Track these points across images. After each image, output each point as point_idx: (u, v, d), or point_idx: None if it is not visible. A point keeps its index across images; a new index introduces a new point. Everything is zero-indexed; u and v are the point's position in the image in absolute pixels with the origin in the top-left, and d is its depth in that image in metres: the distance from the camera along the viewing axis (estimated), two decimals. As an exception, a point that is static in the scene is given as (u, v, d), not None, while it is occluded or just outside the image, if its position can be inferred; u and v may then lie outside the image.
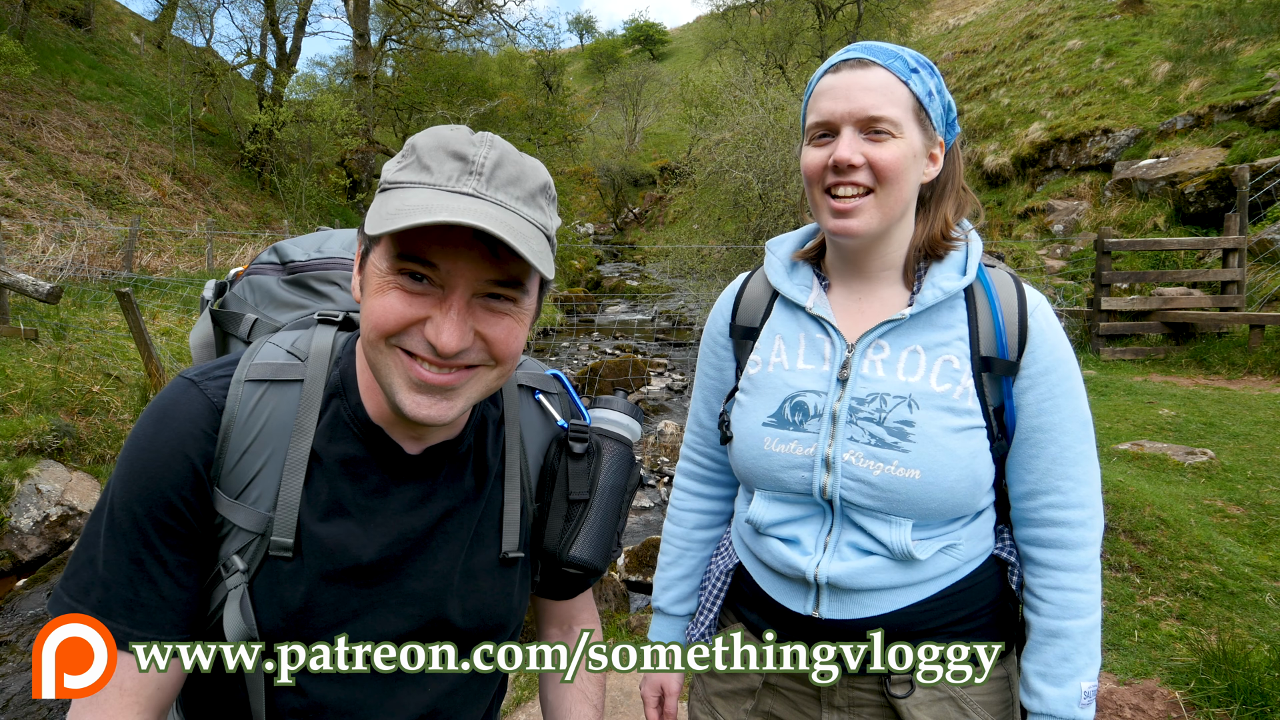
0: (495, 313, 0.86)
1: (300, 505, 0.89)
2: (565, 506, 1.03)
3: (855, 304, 1.23)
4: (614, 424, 1.09)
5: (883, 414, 1.13)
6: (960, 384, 1.13)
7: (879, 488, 1.11)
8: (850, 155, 1.11)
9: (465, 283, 0.83)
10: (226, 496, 0.89)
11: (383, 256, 0.84)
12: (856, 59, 1.14)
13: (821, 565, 1.15)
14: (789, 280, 1.28)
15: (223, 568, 0.89)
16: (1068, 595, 1.15)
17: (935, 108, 1.16)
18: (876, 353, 1.17)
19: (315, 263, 1.14)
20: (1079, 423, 1.16)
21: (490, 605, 1.01)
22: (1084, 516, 1.16)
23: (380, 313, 0.83)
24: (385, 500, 0.94)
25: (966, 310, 1.17)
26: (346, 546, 0.91)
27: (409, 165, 0.85)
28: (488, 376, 0.90)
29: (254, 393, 0.91)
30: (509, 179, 0.84)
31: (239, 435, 0.89)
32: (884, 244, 1.20)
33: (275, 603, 0.89)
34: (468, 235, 0.81)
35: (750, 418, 1.22)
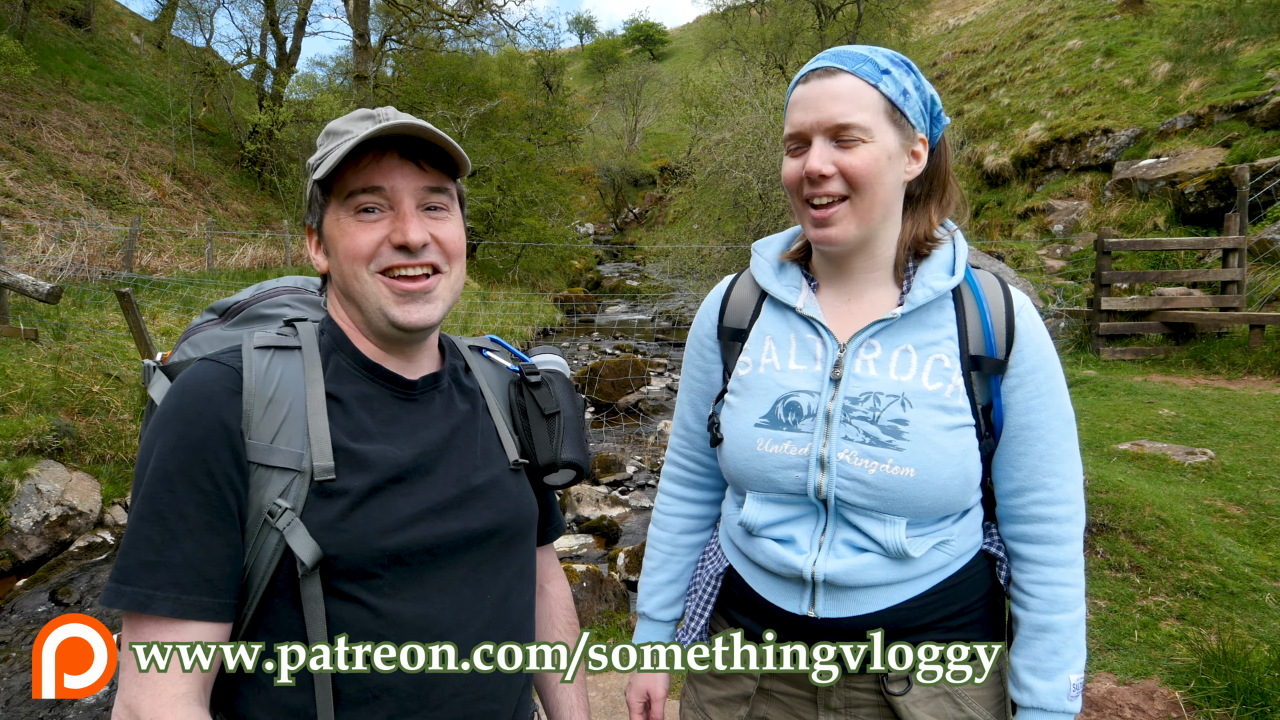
0: (437, 219, 1.06)
1: (331, 435, 0.99)
2: (544, 423, 1.21)
3: (844, 304, 1.23)
4: (551, 363, 1.31)
5: (876, 413, 1.13)
6: (951, 382, 1.14)
7: (874, 486, 1.12)
8: (820, 166, 1.13)
9: (409, 192, 1.03)
10: (261, 443, 0.97)
11: (335, 209, 1.03)
12: (824, 68, 1.15)
13: (818, 563, 1.16)
14: (777, 281, 1.28)
15: (269, 515, 0.95)
16: (1055, 590, 1.17)
17: (912, 105, 1.16)
18: (868, 352, 1.18)
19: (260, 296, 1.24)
20: (1064, 420, 1.18)
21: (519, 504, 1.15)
22: (1070, 512, 1.18)
23: (351, 245, 1.02)
24: (400, 424, 1.07)
25: (955, 310, 1.18)
26: (385, 457, 1.01)
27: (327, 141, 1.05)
28: (449, 279, 1.08)
29: (264, 356, 1.03)
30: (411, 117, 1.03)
31: (261, 388, 0.99)
32: (870, 246, 1.20)
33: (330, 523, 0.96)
34: (396, 157, 1.02)
35: (742, 419, 1.22)
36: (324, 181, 1.02)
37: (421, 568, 1.02)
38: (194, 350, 1.15)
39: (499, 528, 1.11)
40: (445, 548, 1.04)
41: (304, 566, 0.93)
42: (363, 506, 0.98)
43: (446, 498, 1.06)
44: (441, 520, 1.04)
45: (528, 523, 1.17)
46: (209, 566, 0.93)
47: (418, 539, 1.01)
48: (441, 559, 1.04)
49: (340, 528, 0.96)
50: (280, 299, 1.23)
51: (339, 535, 0.96)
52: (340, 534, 0.96)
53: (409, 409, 1.08)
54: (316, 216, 1.07)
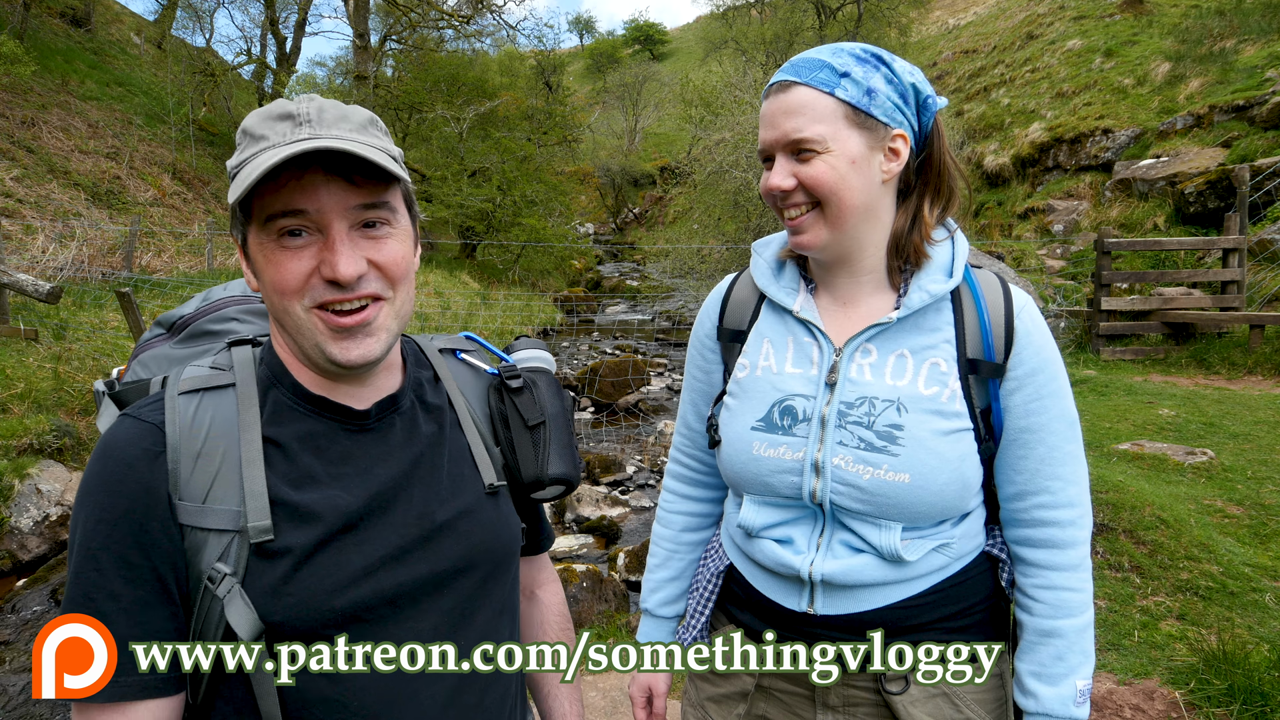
0: (376, 239, 0.91)
1: (270, 487, 0.90)
2: (527, 434, 1.09)
3: (841, 307, 1.23)
4: (534, 359, 1.19)
5: (871, 418, 1.13)
6: (948, 387, 1.13)
7: (869, 491, 1.12)
8: (780, 182, 1.14)
9: (337, 214, 0.88)
10: (192, 505, 0.88)
11: (258, 231, 0.89)
12: (780, 83, 1.15)
13: (815, 563, 1.16)
14: (775, 283, 1.28)
15: (208, 581, 0.87)
16: (1060, 595, 1.16)
17: (880, 103, 1.12)
18: (864, 356, 1.17)
19: (206, 309, 1.17)
20: (1066, 423, 1.17)
21: (496, 533, 1.04)
22: (1074, 515, 1.17)
23: (276, 276, 0.88)
24: (352, 463, 0.95)
25: (953, 312, 1.17)
26: (332, 506, 0.91)
27: (244, 144, 0.91)
28: (393, 306, 0.94)
29: (190, 403, 0.93)
30: (336, 118, 0.90)
31: (188, 443, 0.90)
32: (855, 249, 1.19)
33: (273, 587, 0.87)
34: (322, 173, 0.87)
35: (738, 422, 1.22)
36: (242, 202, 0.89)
37: (383, 623, 0.92)
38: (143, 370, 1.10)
39: (472, 564, 1.00)
40: (408, 596, 0.94)
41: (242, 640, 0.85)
42: (308, 565, 0.89)
43: (407, 540, 0.95)
44: (403, 566, 0.94)
45: (507, 551, 1.06)
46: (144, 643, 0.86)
47: (375, 591, 0.92)
48: (406, 609, 0.94)
49: (284, 591, 0.87)
50: (227, 312, 1.16)
51: (283, 599, 0.87)
52: (285, 598, 0.87)
53: (362, 442, 0.97)
54: (240, 233, 0.93)
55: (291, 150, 0.83)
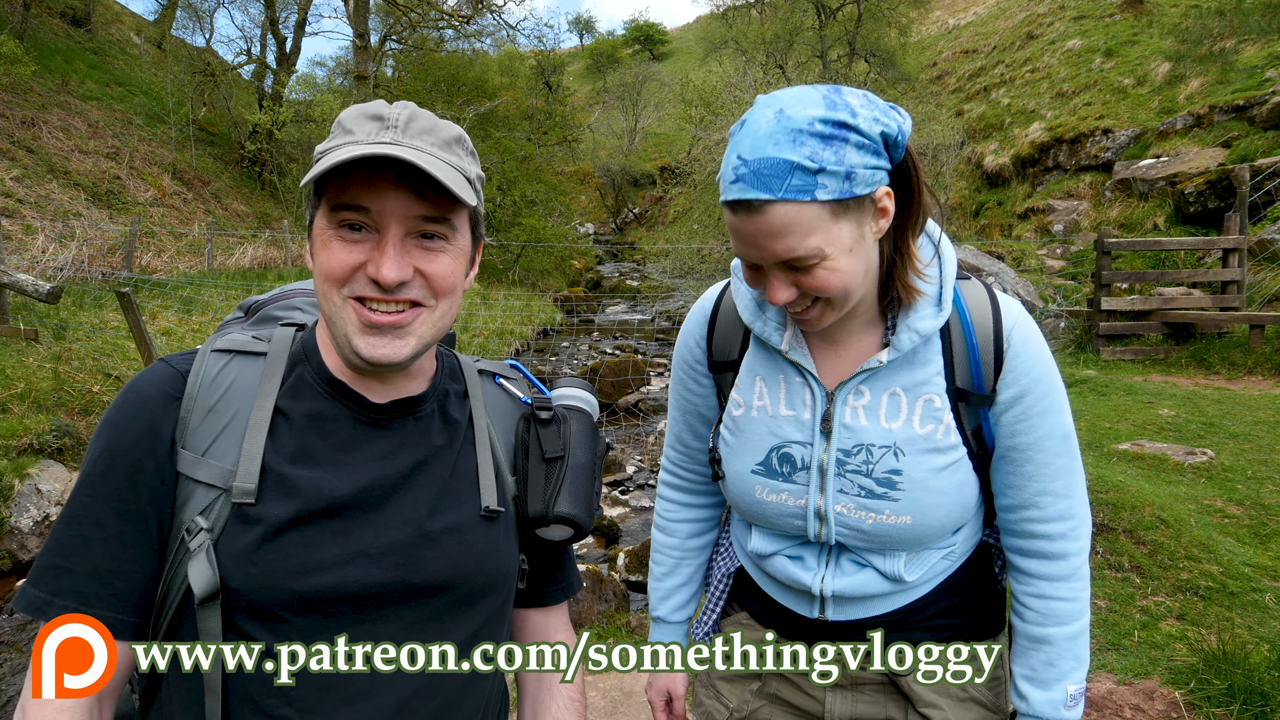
0: (430, 250, 0.93)
1: (265, 455, 0.91)
2: (543, 467, 1.07)
3: (830, 347, 1.18)
4: (574, 399, 1.16)
5: (870, 466, 1.13)
6: (943, 422, 1.12)
7: (872, 534, 1.15)
8: (785, 297, 1.05)
9: (396, 220, 0.90)
10: (191, 454, 0.91)
11: (322, 215, 0.93)
12: (747, 201, 0.99)
13: (826, 581, 1.20)
14: (760, 318, 1.20)
15: (185, 532, 0.89)
16: (1050, 604, 1.17)
17: (860, 179, 0.99)
18: (857, 398, 1.15)
19: (276, 296, 1.21)
20: (1057, 438, 1.14)
21: (482, 559, 1.00)
22: (1064, 529, 1.16)
23: (326, 262, 0.91)
24: (355, 452, 0.96)
25: (942, 341, 1.13)
26: (317, 487, 0.91)
27: (335, 134, 0.94)
28: (432, 315, 0.95)
29: (220, 361, 0.96)
30: (423, 130, 0.93)
31: (204, 396, 0.93)
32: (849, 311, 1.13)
33: (241, 552, 0.88)
34: (393, 178, 0.89)
35: (739, 462, 1.22)
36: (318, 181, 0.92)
37: (341, 619, 0.91)
38: None
39: (448, 584, 0.97)
40: (372, 599, 0.92)
41: (195, 596, 0.86)
42: (279, 539, 0.88)
43: (388, 542, 0.93)
44: (375, 567, 0.92)
45: (490, 582, 1.01)
46: (116, 580, 0.88)
47: (339, 584, 0.90)
48: (368, 612, 0.92)
49: (251, 559, 0.87)
50: (294, 300, 1.19)
51: (246, 568, 0.87)
52: (248, 566, 0.87)
53: (371, 436, 0.97)
54: (310, 214, 0.97)
55: (365, 151, 0.86)
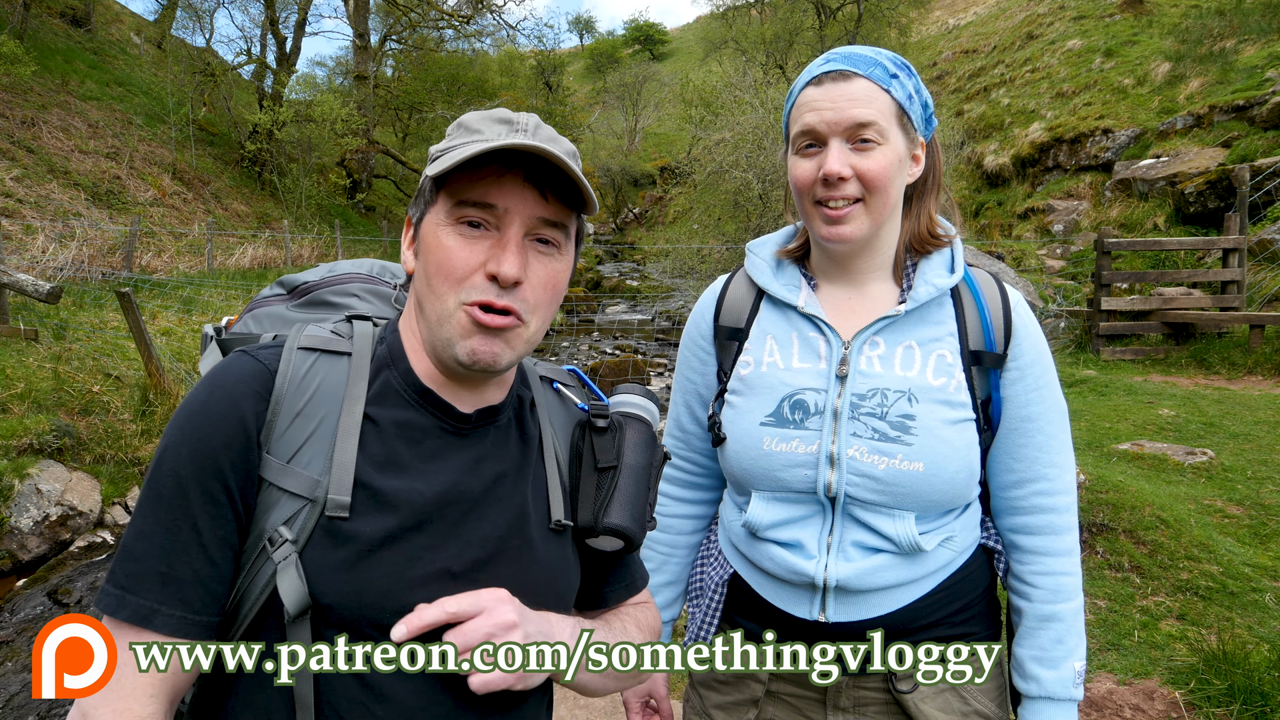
0: (542, 255, 0.94)
1: (356, 465, 0.88)
2: (595, 476, 1.05)
3: (845, 302, 1.25)
4: (633, 406, 1.13)
5: (884, 409, 1.15)
6: (954, 378, 1.17)
7: (884, 482, 1.13)
8: (840, 168, 1.13)
9: (520, 219, 0.91)
10: (276, 461, 0.88)
11: (440, 211, 0.92)
12: (839, 70, 1.15)
13: (829, 568, 1.16)
14: (776, 280, 1.29)
15: (268, 542, 0.86)
16: (1058, 579, 1.20)
17: (915, 109, 1.18)
18: (873, 349, 1.19)
19: (330, 280, 1.17)
20: (1059, 412, 1.22)
21: (553, 574, 1.01)
22: (1068, 502, 1.21)
23: (444, 259, 0.90)
24: (442, 462, 0.94)
25: (954, 307, 1.21)
26: (408, 500, 0.90)
27: (457, 134, 0.94)
28: (527, 331, 0.94)
29: (306, 359, 0.93)
30: (550, 138, 0.94)
31: (292, 398, 0.90)
32: (873, 245, 1.22)
33: (333, 568, 0.85)
34: (520, 178, 0.90)
35: (746, 419, 1.22)
36: (438, 178, 0.91)
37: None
38: (255, 325, 1.11)
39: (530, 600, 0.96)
40: None
41: (289, 614, 0.84)
42: (374, 556, 0.87)
43: (469, 558, 0.93)
44: (457, 584, 0.92)
45: (559, 597, 1.02)
46: (217, 585, 0.86)
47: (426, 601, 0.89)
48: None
49: (344, 575, 0.86)
50: (351, 287, 1.15)
51: (340, 585, 0.86)
52: (340, 583, 0.86)
53: (456, 446, 0.96)
54: (420, 211, 0.95)
55: (508, 142, 0.86)
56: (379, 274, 1.22)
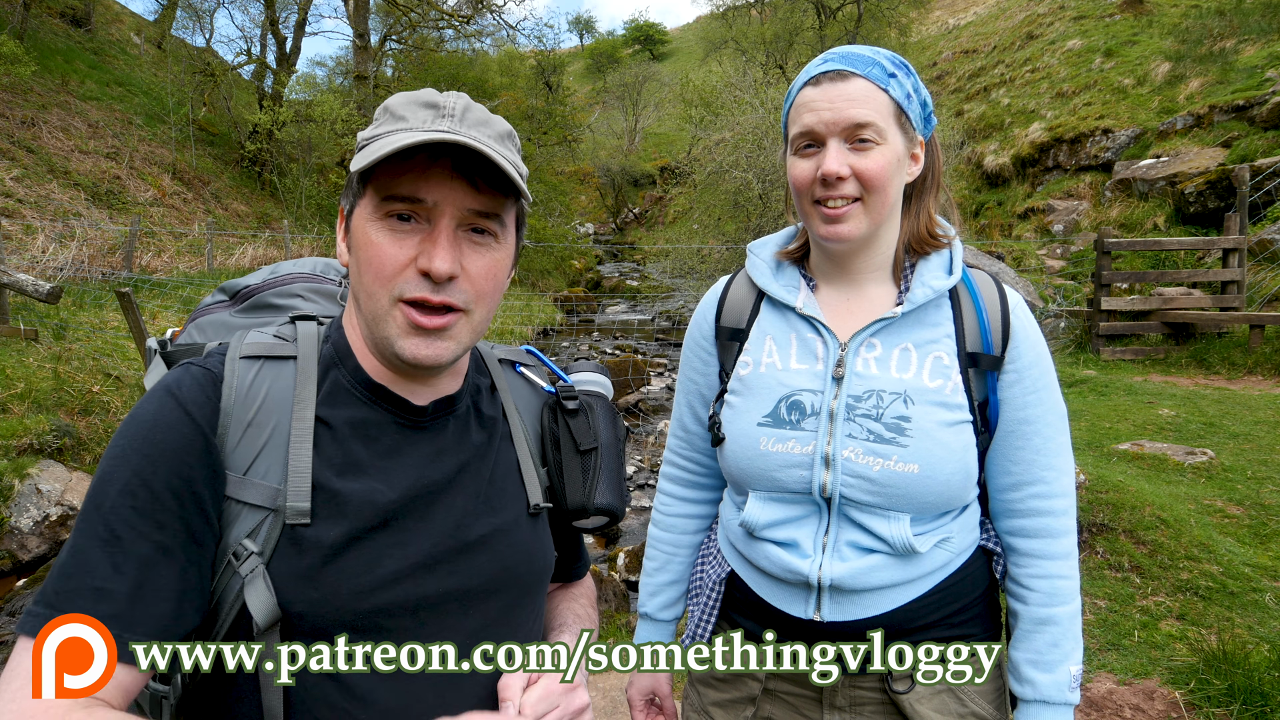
0: (478, 246, 0.90)
1: (313, 470, 0.87)
2: (578, 459, 1.06)
3: (844, 303, 1.25)
4: (593, 384, 1.16)
5: (880, 410, 1.15)
6: (951, 380, 1.16)
7: (879, 483, 1.13)
8: (838, 168, 1.13)
9: (450, 210, 0.87)
10: (234, 474, 0.86)
11: (368, 205, 0.89)
12: (836, 70, 1.15)
13: (824, 567, 1.16)
14: (775, 281, 1.29)
15: (233, 556, 0.84)
16: (1054, 583, 1.19)
17: (914, 109, 1.18)
18: (869, 350, 1.19)
19: (272, 281, 1.15)
20: (1057, 415, 1.21)
21: (530, 557, 1.00)
22: (1066, 505, 1.21)
23: (375, 257, 0.87)
24: (400, 458, 0.93)
25: (952, 308, 1.21)
26: (370, 499, 0.88)
27: (383, 120, 0.90)
28: (472, 320, 0.92)
29: (250, 368, 0.91)
30: (479, 121, 0.90)
31: (241, 409, 0.87)
32: (871, 246, 1.22)
33: (300, 576, 0.84)
34: (448, 168, 0.87)
35: (744, 419, 1.23)
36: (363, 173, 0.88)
37: (402, 634, 0.88)
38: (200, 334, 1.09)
39: (501, 585, 0.96)
40: (432, 610, 0.90)
41: (258, 627, 0.82)
42: (339, 559, 0.85)
43: (441, 549, 0.91)
44: (432, 576, 0.90)
45: (538, 578, 1.02)
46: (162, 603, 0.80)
47: (400, 599, 0.88)
48: (429, 624, 0.90)
49: (311, 583, 0.84)
50: (294, 287, 1.13)
51: (307, 592, 0.84)
52: (308, 590, 0.84)
53: (414, 439, 0.94)
54: (350, 202, 0.92)
55: (430, 136, 0.83)
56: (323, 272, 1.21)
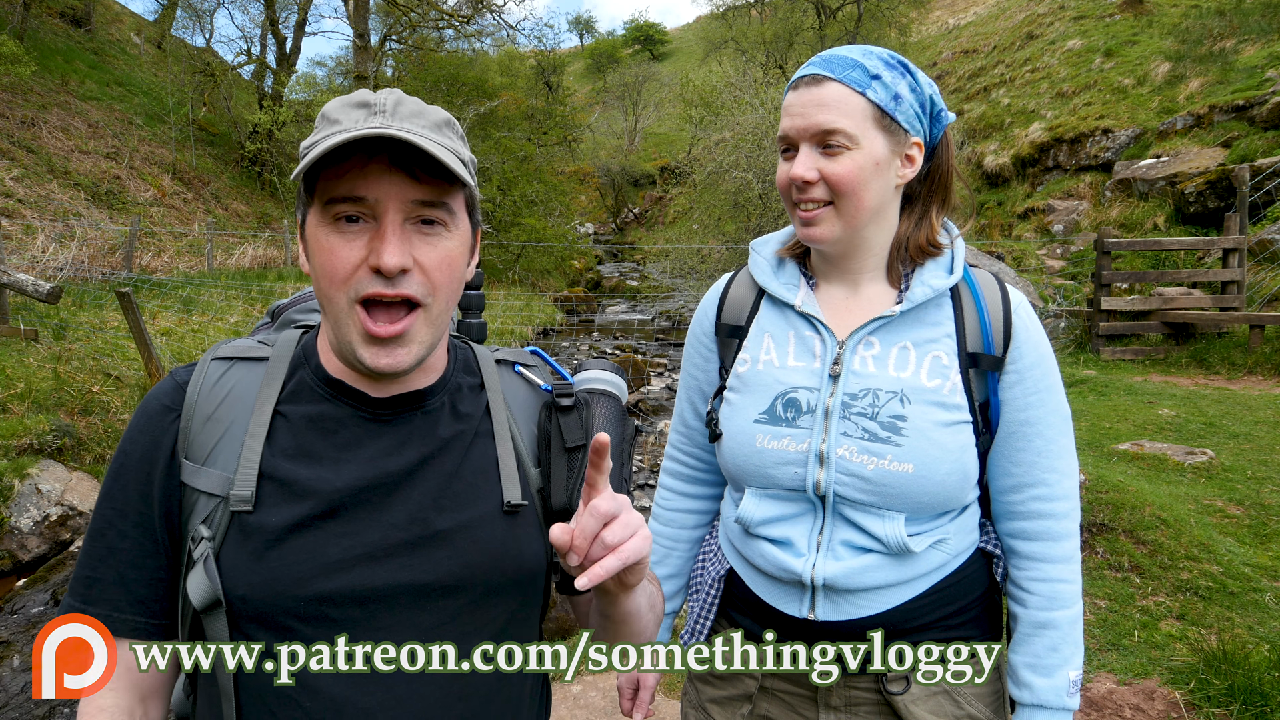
0: (429, 237, 0.90)
1: (263, 460, 0.90)
2: (564, 457, 1.03)
3: (842, 301, 1.25)
4: (599, 381, 1.11)
5: (875, 409, 1.14)
6: (949, 379, 1.15)
7: (873, 482, 1.13)
8: (804, 173, 1.15)
9: (394, 205, 0.88)
10: (192, 464, 0.91)
11: (315, 212, 0.90)
12: (811, 76, 1.16)
13: (817, 566, 1.16)
14: (775, 279, 1.29)
15: (191, 541, 0.89)
16: (1054, 586, 1.18)
17: (905, 110, 1.16)
18: (867, 349, 1.19)
19: (298, 299, 1.20)
20: (1060, 417, 1.20)
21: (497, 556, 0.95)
22: (1067, 508, 1.19)
23: (326, 262, 0.88)
24: (357, 450, 0.93)
25: (953, 308, 1.20)
26: (315, 488, 0.89)
27: (320, 127, 0.91)
28: (430, 314, 0.91)
29: (220, 368, 0.97)
30: (411, 113, 0.90)
31: (203, 404, 0.93)
32: (862, 246, 1.22)
33: (244, 560, 0.87)
34: (387, 163, 0.87)
35: (741, 415, 1.23)
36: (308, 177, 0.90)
37: (351, 625, 0.88)
38: None
39: (463, 583, 0.92)
40: (381, 602, 0.89)
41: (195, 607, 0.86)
42: (280, 545, 0.87)
43: (393, 541, 0.90)
44: (381, 568, 0.89)
45: (510, 580, 0.96)
46: (141, 587, 0.91)
47: (346, 588, 0.88)
48: (379, 617, 0.89)
49: (253, 567, 0.86)
50: (313, 303, 1.15)
51: (249, 577, 0.86)
52: (250, 574, 0.86)
53: (375, 432, 0.94)
54: (302, 212, 0.94)
55: (357, 134, 0.83)
56: None
